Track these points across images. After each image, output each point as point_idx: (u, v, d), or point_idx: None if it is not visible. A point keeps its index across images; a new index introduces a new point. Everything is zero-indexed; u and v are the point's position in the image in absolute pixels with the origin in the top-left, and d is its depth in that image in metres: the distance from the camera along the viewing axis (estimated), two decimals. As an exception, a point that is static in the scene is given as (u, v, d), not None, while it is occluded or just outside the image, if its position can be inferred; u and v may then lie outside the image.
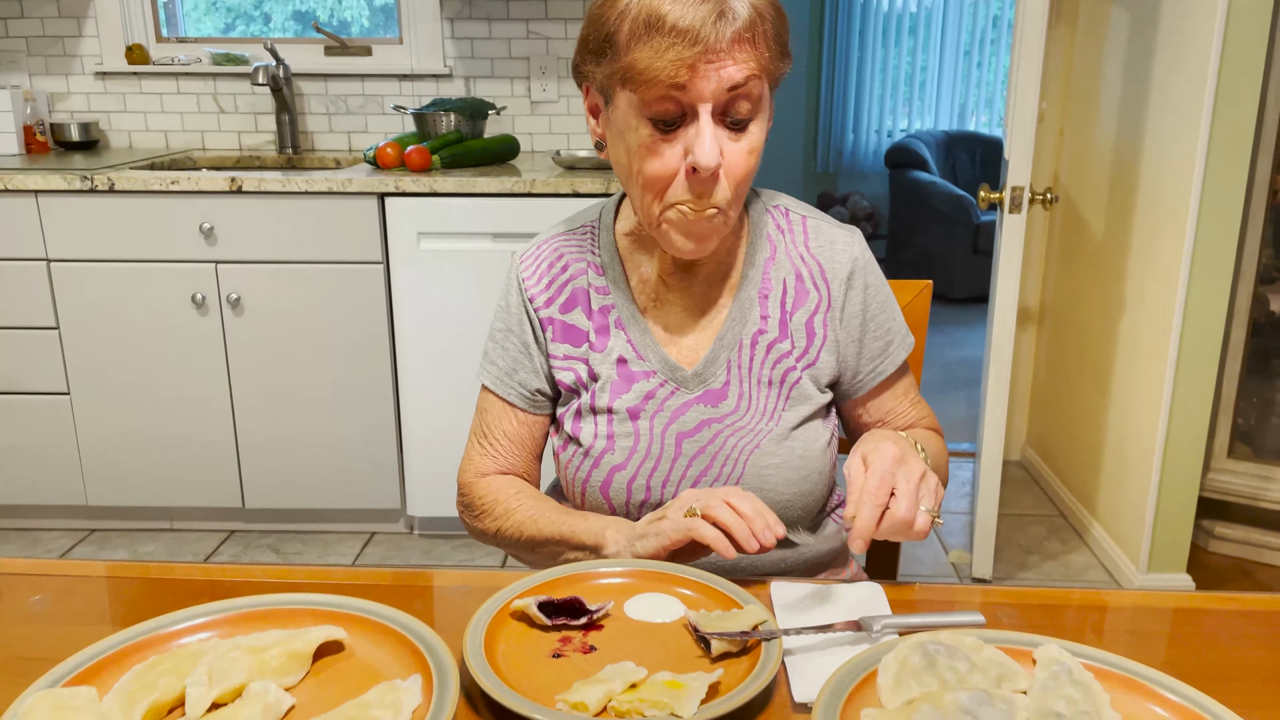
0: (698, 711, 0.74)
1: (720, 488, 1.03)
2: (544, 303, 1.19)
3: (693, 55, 0.96)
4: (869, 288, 1.19)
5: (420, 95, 3.15)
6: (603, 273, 1.18)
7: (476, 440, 1.23)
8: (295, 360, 2.69)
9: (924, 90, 6.71)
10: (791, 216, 1.20)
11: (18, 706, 0.72)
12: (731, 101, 1.00)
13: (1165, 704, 0.76)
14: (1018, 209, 2.41)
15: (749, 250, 1.17)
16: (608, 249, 1.19)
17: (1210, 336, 2.42)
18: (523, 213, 2.54)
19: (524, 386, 1.20)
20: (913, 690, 0.77)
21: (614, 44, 1.00)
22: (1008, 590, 1.00)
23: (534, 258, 1.21)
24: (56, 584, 0.97)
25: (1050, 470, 3.24)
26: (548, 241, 1.22)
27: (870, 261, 1.20)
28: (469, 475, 1.23)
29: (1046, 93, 3.12)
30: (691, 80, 0.97)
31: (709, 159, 0.99)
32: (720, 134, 1.01)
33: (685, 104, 0.99)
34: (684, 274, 1.16)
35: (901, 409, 1.24)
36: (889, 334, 1.21)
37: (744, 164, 1.03)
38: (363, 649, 0.84)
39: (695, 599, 0.92)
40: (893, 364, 1.21)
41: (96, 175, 2.54)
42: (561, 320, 1.18)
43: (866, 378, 1.21)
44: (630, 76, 0.99)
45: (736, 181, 1.04)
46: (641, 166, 1.03)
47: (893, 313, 1.22)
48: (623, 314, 1.17)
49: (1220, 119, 2.28)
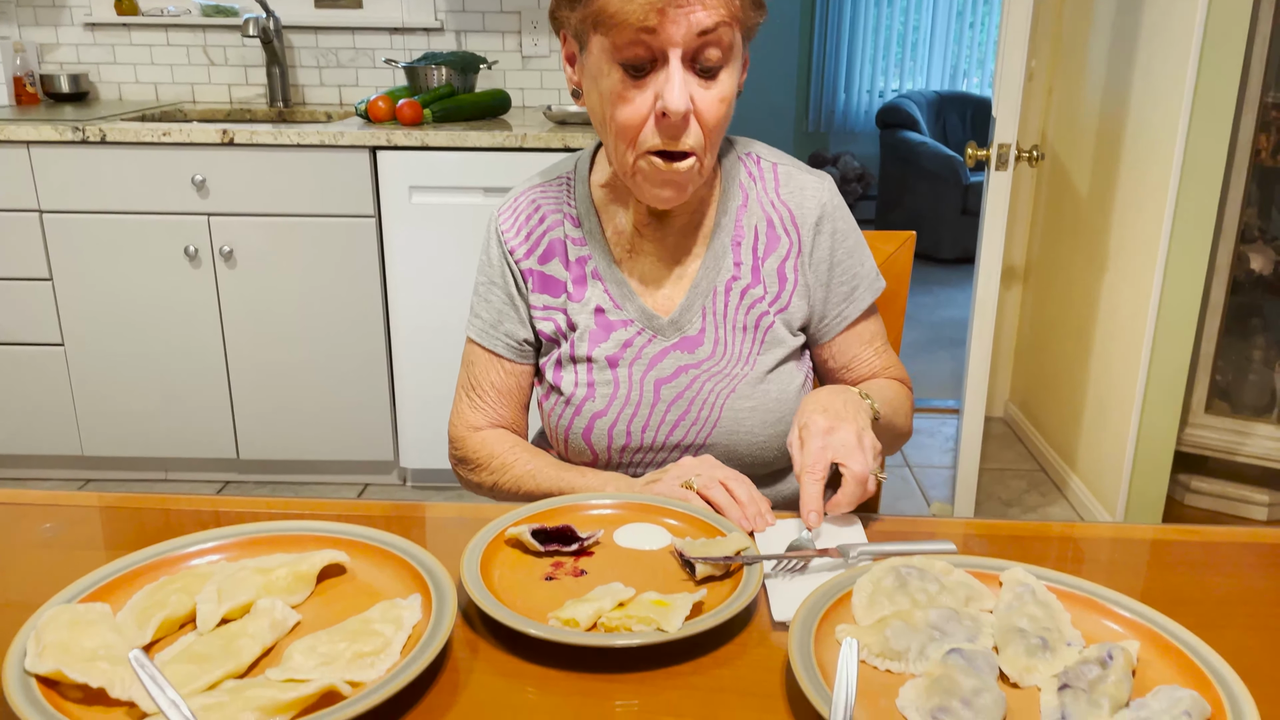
0: (682, 627, 0.78)
1: (719, 468, 1.06)
2: (524, 254, 1.21)
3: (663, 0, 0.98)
4: (836, 233, 1.21)
5: (411, 49, 3.14)
6: (579, 224, 1.20)
7: (465, 394, 1.26)
8: (288, 313, 2.71)
9: (916, 51, 6.70)
10: (763, 164, 1.22)
11: (35, 620, 0.76)
12: (702, 48, 1.01)
13: (1121, 620, 0.81)
14: (1004, 166, 2.44)
15: (722, 198, 1.20)
16: (583, 201, 1.21)
17: (1190, 294, 2.47)
18: (514, 167, 2.56)
19: (510, 337, 1.23)
20: (885, 609, 0.82)
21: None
22: (979, 523, 1.04)
23: (512, 210, 1.23)
24: (67, 513, 1.01)
25: (1032, 426, 3.29)
26: (524, 194, 1.24)
27: (840, 207, 1.22)
28: (461, 429, 1.25)
29: (1036, 51, 3.13)
30: (661, 24, 0.98)
31: (678, 103, 1.01)
32: (690, 80, 1.02)
33: (655, 49, 1.00)
34: (658, 223, 1.18)
35: (865, 356, 1.26)
36: (855, 279, 1.23)
37: (714, 111, 1.05)
38: (364, 571, 0.88)
39: (681, 528, 0.97)
40: (858, 308, 1.23)
41: (88, 126, 2.55)
42: (540, 271, 1.21)
43: (832, 322, 1.23)
44: (601, 20, 1.00)
45: (708, 129, 1.05)
46: (613, 113, 1.05)
47: (861, 257, 1.24)
48: (599, 264, 1.19)
49: (1204, 78, 2.30)
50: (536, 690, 0.76)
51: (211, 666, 0.73)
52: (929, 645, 0.77)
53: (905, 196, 5.84)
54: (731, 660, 0.80)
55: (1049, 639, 0.78)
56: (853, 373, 1.26)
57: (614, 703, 0.75)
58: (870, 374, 1.26)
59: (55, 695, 0.70)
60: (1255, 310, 2.81)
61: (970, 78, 6.72)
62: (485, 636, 0.82)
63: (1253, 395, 2.81)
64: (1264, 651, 0.82)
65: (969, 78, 6.72)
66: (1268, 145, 2.63)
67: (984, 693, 0.72)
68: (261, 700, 0.68)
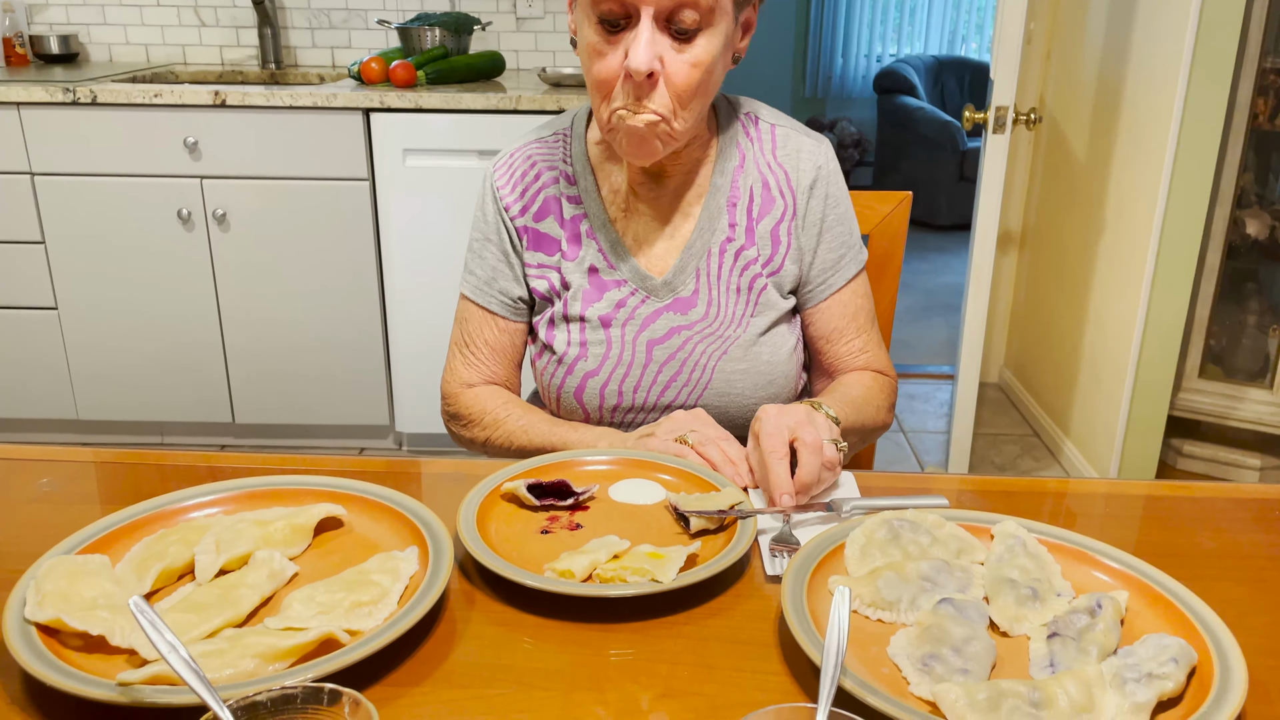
0: (676, 578, 0.79)
1: (712, 426, 1.06)
2: (519, 211, 1.20)
3: None
4: (829, 198, 1.20)
5: (404, 10, 3.11)
6: (574, 182, 1.20)
7: (458, 350, 1.26)
8: (283, 276, 2.70)
9: (914, 15, 6.64)
10: (761, 124, 1.21)
11: (35, 570, 0.77)
12: (676, 9, 1.00)
13: (1110, 571, 0.82)
14: (1001, 129, 2.43)
15: (719, 159, 1.19)
16: (579, 158, 1.20)
17: (1185, 258, 2.47)
18: (508, 129, 2.54)
19: (505, 294, 1.22)
20: (877, 561, 0.83)
21: None
22: (972, 479, 1.05)
23: (507, 167, 1.22)
24: (64, 469, 1.02)
25: (1026, 391, 3.31)
26: (520, 150, 1.22)
27: (835, 172, 1.21)
28: (453, 386, 1.25)
29: (1035, 14, 3.11)
30: None
31: (639, 62, 0.99)
32: (663, 41, 1.01)
33: (629, 5, 0.99)
34: (653, 183, 1.18)
35: (848, 331, 1.24)
36: (843, 247, 1.22)
37: (685, 75, 1.02)
38: (361, 525, 0.89)
39: (675, 483, 0.97)
40: (843, 277, 1.22)
41: (79, 87, 2.52)
42: (534, 228, 1.20)
43: (817, 289, 1.22)
44: None
45: (677, 92, 1.03)
46: (589, 66, 1.05)
47: (850, 226, 1.23)
48: (594, 223, 1.19)
49: (1203, 42, 2.29)
50: (533, 640, 0.77)
51: (210, 615, 0.74)
52: (920, 595, 0.78)
53: (902, 162, 5.82)
54: (725, 611, 0.81)
55: (1039, 589, 0.79)
56: (833, 346, 1.24)
57: (609, 651, 0.76)
58: (848, 353, 1.24)
59: (55, 643, 0.71)
60: (1250, 275, 2.81)
61: (969, 43, 6.67)
62: (482, 588, 0.83)
63: (1246, 360, 2.82)
64: (1250, 602, 0.83)
65: (967, 43, 6.67)
66: (1265, 109, 2.62)
67: (974, 641, 0.73)
68: (260, 647, 0.69)
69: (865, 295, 1.25)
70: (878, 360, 1.27)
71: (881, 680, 0.71)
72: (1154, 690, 0.68)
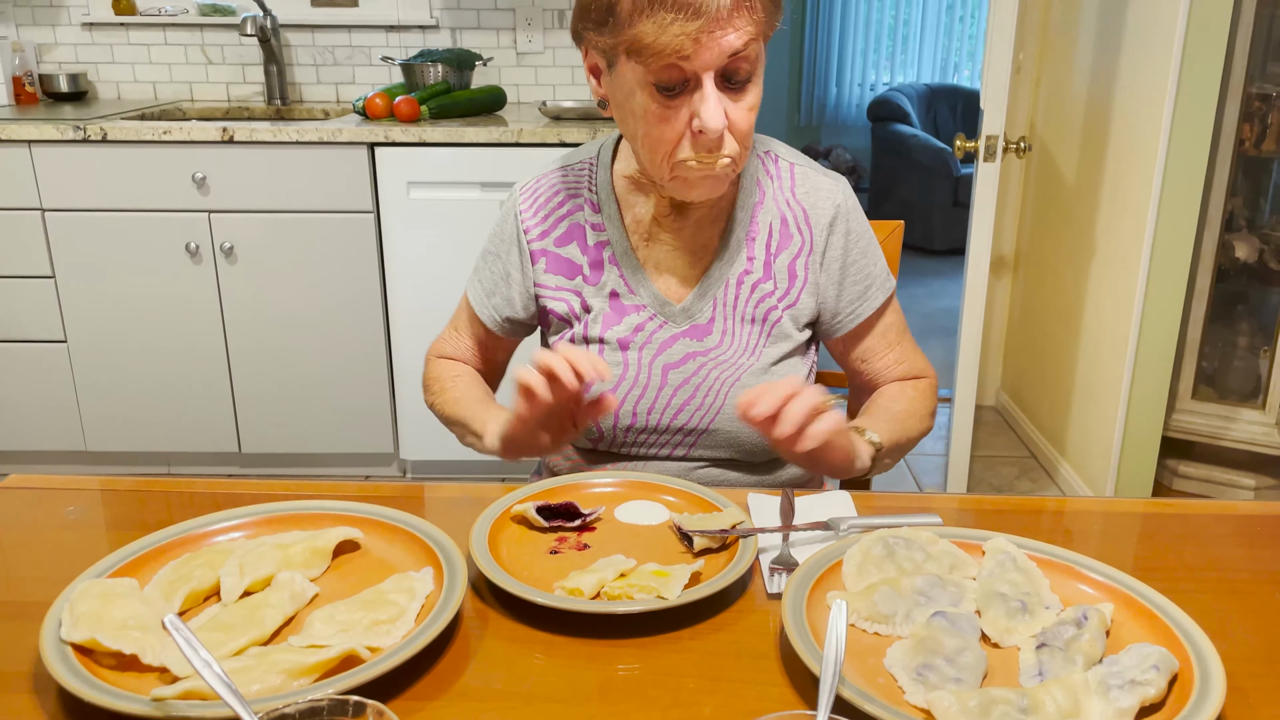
0: (681, 595, 0.83)
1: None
2: (538, 235, 1.25)
3: (696, 29, 0.99)
4: (850, 233, 1.25)
5: (407, 46, 3.18)
6: (598, 210, 1.25)
7: (451, 326, 1.37)
8: (289, 308, 2.75)
9: (907, 44, 6.74)
10: (780, 163, 1.26)
11: (68, 593, 0.80)
12: (732, 65, 1.04)
13: (1096, 585, 0.86)
14: (992, 157, 2.48)
15: (740, 195, 1.24)
16: (604, 188, 1.25)
17: (1176, 281, 2.52)
18: (510, 162, 2.60)
19: (497, 311, 1.30)
20: (873, 577, 0.86)
21: (615, 15, 1.03)
22: (965, 498, 1.09)
23: (533, 191, 1.27)
24: (89, 497, 1.05)
25: (1022, 413, 3.34)
26: (546, 176, 1.28)
27: (854, 209, 1.26)
28: (432, 353, 1.37)
29: (1024, 44, 3.18)
30: (696, 52, 1.01)
31: (715, 122, 1.04)
32: (723, 97, 1.06)
33: (689, 72, 1.03)
34: (677, 215, 1.22)
35: (880, 349, 1.30)
36: (869, 278, 1.26)
37: (746, 121, 1.09)
38: (377, 547, 0.92)
39: (679, 504, 1.01)
40: (870, 307, 1.27)
41: (89, 125, 2.58)
42: (555, 253, 1.25)
43: (845, 319, 1.27)
44: (635, 49, 1.02)
45: (741, 137, 1.09)
46: (649, 131, 1.08)
47: (874, 258, 1.28)
48: (616, 250, 1.23)
49: (1188, 69, 2.35)
50: (544, 655, 0.80)
51: (237, 634, 0.77)
52: (915, 609, 0.82)
53: (897, 189, 5.89)
54: (728, 626, 0.84)
55: (1028, 602, 0.82)
56: (869, 364, 1.30)
57: (617, 666, 0.79)
58: (884, 367, 1.30)
59: (90, 662, 0.74)
60: (1240, 298, 2.86)
61: (961, 71, 6.77)
62: (494, 607, 0.86)
63: (1238, 381, 2.86)
64: (1232, 613, 0.86)
65: (959, 71, 6.77)
66: (1251, 135, 2.67)
67: (966, 652, 0.76)
68: (286, 664, 0.73)
69: (894, 312, 1.31)
70: (915, 366, 1.32)
71: (878, 690, 0.74)
72: (1137, 696, 0.71)
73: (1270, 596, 0.89)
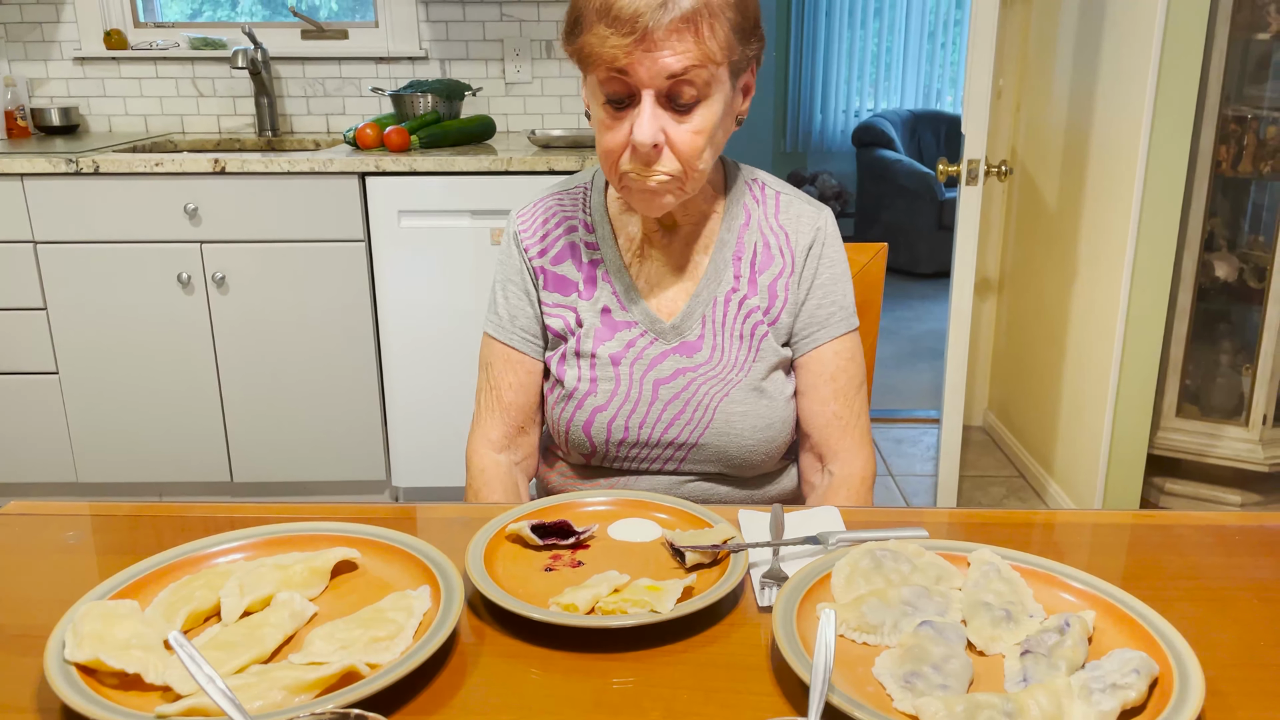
0: (674, 608, 0.85)
1: None
2: (537, 254, 1.29)
3: (628, 44, 1.05)
4: (823, 258, 1.28)
5: (396, 77, 3.22)
6: (592, 230, 1.29)
7: (483, 398, 1.31)
8: (280, 337, 2.76)
9: (890, 71, 6.83)
10: (766, 191, 1.31)
11: (71, 614, 0.82)
12: (674, 87, 1.09)
13: (1078, 593, 0.88)
14: (974, 181, 2.52)
15: (727, 217, 1.28)
16: (598, 209, 1.29)
17: (1157, 301, 2.56)
18: (500, 190, 2.63)
19: (526, 330, 1.30)
20: (861, 588, 0.88)
21: (578, 26, 1.10)
22: (953, 511, 1.11)
23: (530, 214, 1.32)
24: (88, 522, 1.07)
25: (1010, 433, 3.37)
26: (542, 200, 1.32)
27: (833, 236, 1.29)
28: (476, 443, 1.31)
29: (1004, 70, 3.24)
30: (630, 67, 1.07)
31: (645, 137, 1.09)
32: (663, 115, 1.10)
33: (631, 86, 1.09)
34: (666, 234, 1.27)
35: (823, 391, 1.26)
36: (834, 305, 1.27)
37: (689, 142, 1.12)
38: (374, 567, 0.94)
39: (671, 522, 1.03)
40: (829, 334, 1.27)
41: (81, 158, 2.60)
42: (553, 271, 1.29)
43: (802, 340, 1.28)
44: (581, 58, 1.11)
45: (683, 157, 1.12)
46: (600, 139, 1.15)
47: (844, 289, 1.29)
48: (609, 267, 1.27)
49: (1164, 94, 2.40)
50: (540, 670, 0.82)
51: (238, 652, 0.78)
52: (902, 619, 0.84)
53: (882, 213, 5.95)
54: (720, 639, 0.86)
55: (1013, 611, 0.84)
56: (807, 401, 1.27)
57: (612, 679, 0.81)
58: (822, 416, 1.26)
59: (93, 682, 0.76)
60: (1222, 316, 2.90)
61: (943, 96, 6.86)
62: (490, 623, 0.88)
63: (1222, 398, 2.90)
64: (1211, 619, 0.89)
65: (942, 97, 6.85)
66: (1228, 156, 2.73)
67: (953, 659, 0.78)
68: (287, 680, 0.74)
69: (850, 359, 1.28)
70: (849, 440, 1.27)
71: (867, 697, 0.76)
72: (1118, 699, 0.73)
73: (1248, 603, 0.91)
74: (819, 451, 1.30)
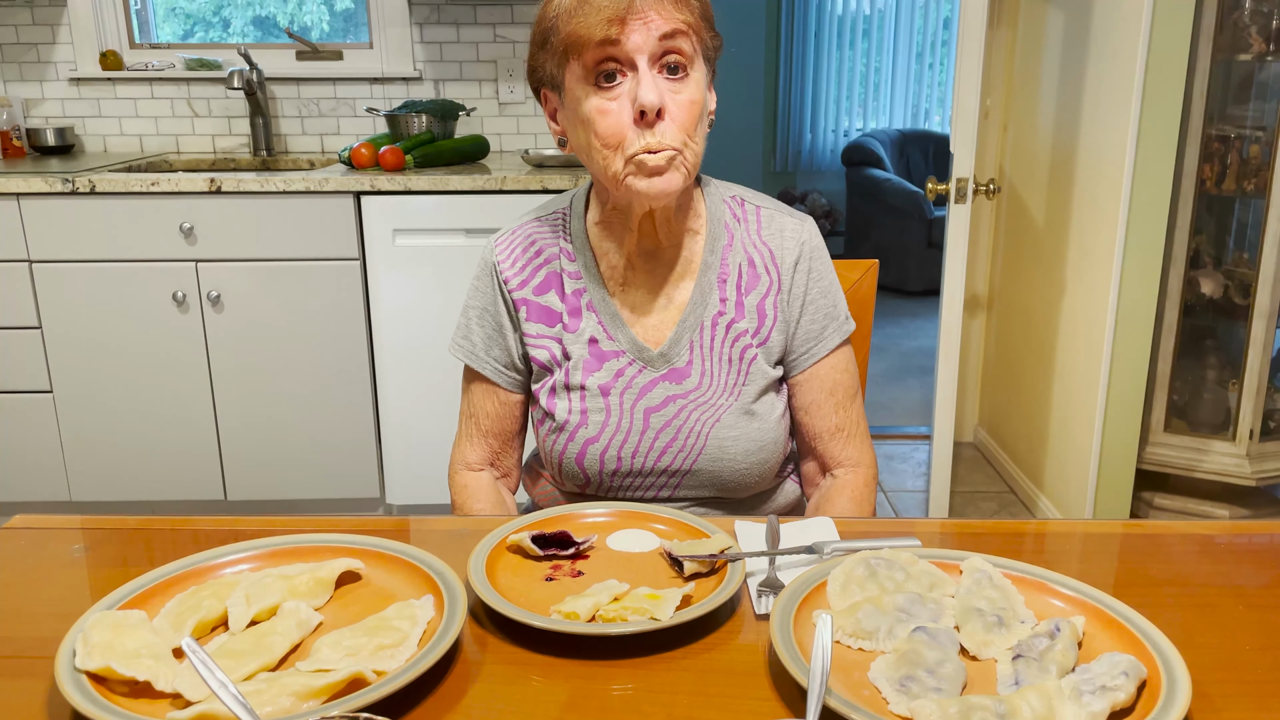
0: (673, 615, 0.86)
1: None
2: (518, 284, 1.28)
3: (621, 9, 1.08)
4: (812, 272, 1.29)
5: (391, 98, 3.25)
6: (574, 258, 1.28)
7: (464, 422, 1.35)
8: (275, 355, 2.78)
9: (878, 91, 6.90)
10: (746, 206, 1.31)
11: (81, 623, 0.83)
12: (666, 51, 1.11)
13: (1068, 600, 0.90)
14: (963, 199, 2.56)
15: (708, 238, 1.27)
16: (579, 237, 1.28)
17: (1144, 317, 2.59)
18: (494, 209, 2.66)
19: (497, 362, 1.31)
20: (857, 595, 0.90)
21: (555, 29, 1.13)
22: (945, 522, 1.13)
23: (509, 243, 1.30)
24: (93, 535, 1.08)
25: (1000, 449, 3.40)
26: (521, 228, 1.31)
27: (818, 249, 1.30)
28: (456, 465, 1.35)
29: (991, 90, 3.28)
30: (623, 33, 1.09)
31: (651, 96, 1.10)
32: (660, 81, 1.12)
33: (623, 58, 1.11)
34: (649, 259, 1.26)
35: (826, 406, 1.29)
36: (827, 319, 1.29)
37: (686, 109, 1.13)
38: (378, 577, 0.95)
39: (669, 532, 1.05)
40: (825, 347, 1.29)
41: (78, 178, 2.62)
42: (535, 301, 1.28)
43: (800, 357, 1.29)
44: (570, 45, 1.11)
45: (683, 124, 1.13)
46: (596, 129, 1.13)
47: (834, 299, 1.30)
48: (593, 297, 1.27)
49: (1148, 113, 2.44)
50: (542, 677, 0.83)
51: (246, 660, 0.80)
52: (897, 625, 0.86)
53: (872, 231, 6.00)
54: (718, 646, 0.87)
55: (1004, 617, 0.86)
56: (810, 418, 1.29)
57: (612, 686, 0.82)
58: (826, 430, 1.29)
59: (104, 689, 0.77)
60: (1208, 332, 2.93)
61: (931, 116, 6.93)
62: (493, 632, 0.89)
63: (1209, 413, 2.93)
64: (1197, 624, 0.91)
65: (930, 116, 6.92)
66: (1212, 175, 2.77)
67: (946, 663, 0.80)
68: (295, 687, 0.76)
69: (845, 370, 1.30)
70: (851, 448, 1.30)
71: (863, 700, 0.78)
72: (1107, 700, 0.75)
73: (1234, 609, 0.94)
74: (823, 461, 1.32)
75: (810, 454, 1.33)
